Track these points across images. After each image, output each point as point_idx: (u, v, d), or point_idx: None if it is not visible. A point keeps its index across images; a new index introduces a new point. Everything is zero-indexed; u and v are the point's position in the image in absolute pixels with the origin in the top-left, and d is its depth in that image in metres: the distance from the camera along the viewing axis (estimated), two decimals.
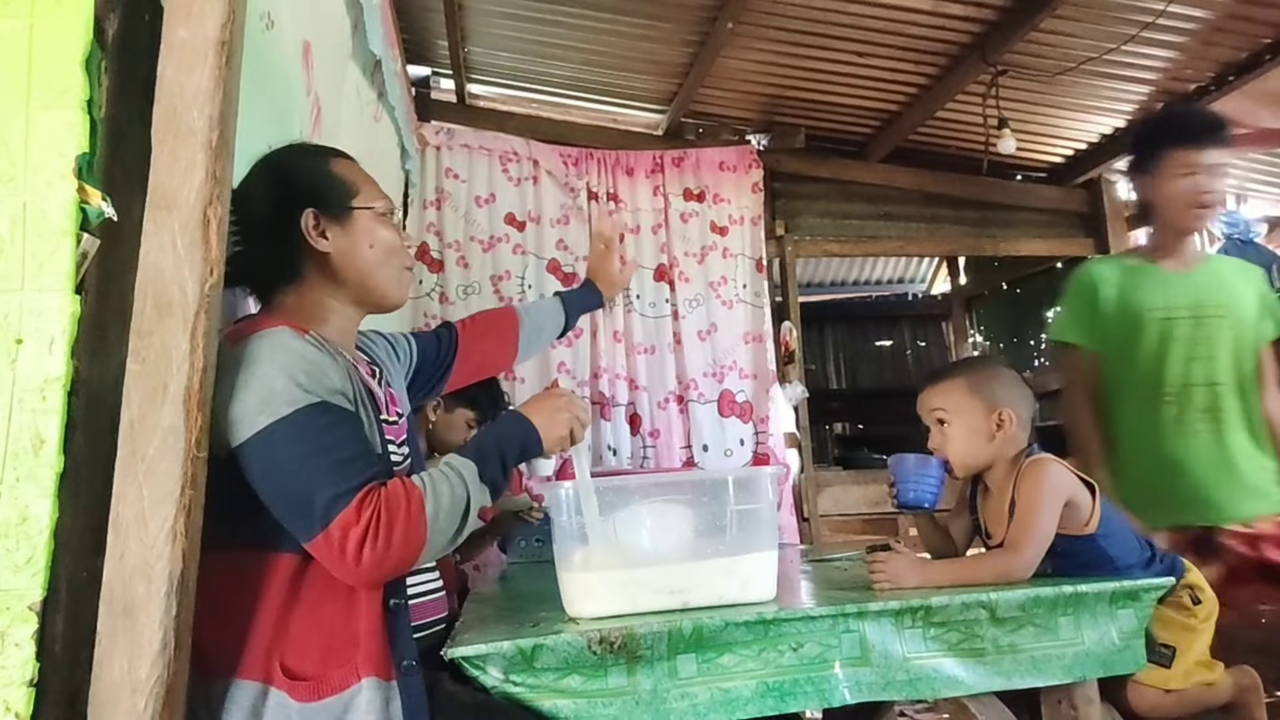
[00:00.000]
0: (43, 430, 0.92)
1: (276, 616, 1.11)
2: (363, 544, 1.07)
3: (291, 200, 1.29)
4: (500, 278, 3.82)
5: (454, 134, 3.91)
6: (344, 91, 2.42)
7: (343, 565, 1.08)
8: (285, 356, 1.16)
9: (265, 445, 1.10)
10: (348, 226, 1.31)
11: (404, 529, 1.09)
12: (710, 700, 1.21)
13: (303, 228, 1.28)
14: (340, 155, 1.41)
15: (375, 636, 1.13)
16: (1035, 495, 1.47)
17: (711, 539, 1.33)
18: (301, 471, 1.09)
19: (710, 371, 3.93)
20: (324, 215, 1.30)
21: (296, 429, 1.11)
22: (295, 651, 1.10)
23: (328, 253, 1.30)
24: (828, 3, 3.22)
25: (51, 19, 0.97)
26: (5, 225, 0.94)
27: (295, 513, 1.09)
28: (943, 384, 1.63)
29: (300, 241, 1.29)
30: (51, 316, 0.93)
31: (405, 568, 1.14)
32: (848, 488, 4.14)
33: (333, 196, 1.32)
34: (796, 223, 4.34)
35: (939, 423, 1.61)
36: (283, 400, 1.11)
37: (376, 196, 1.36)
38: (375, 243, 1.33)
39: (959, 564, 1.50)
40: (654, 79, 3.92)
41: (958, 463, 1.59)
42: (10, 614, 0.88)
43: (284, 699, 1.08)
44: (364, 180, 1.37)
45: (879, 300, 6.90)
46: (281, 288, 1.32)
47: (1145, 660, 1.39)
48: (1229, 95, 3.47)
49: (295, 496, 1.09)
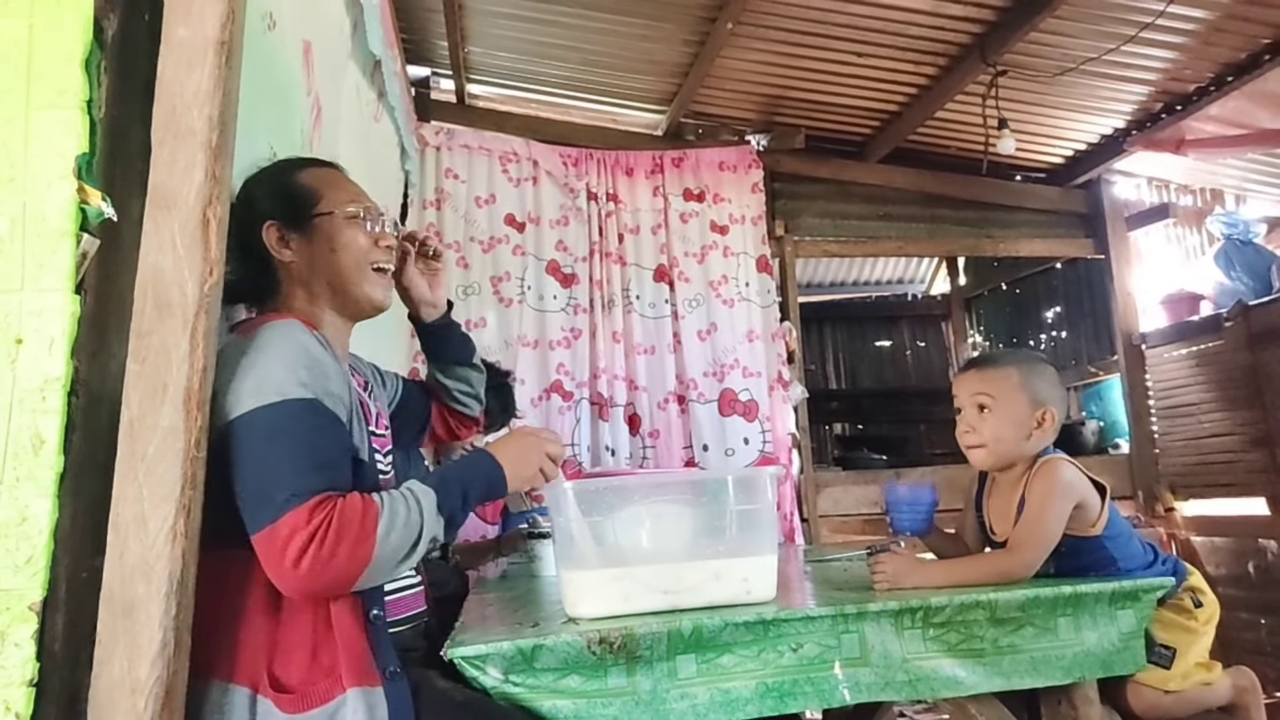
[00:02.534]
0: (42, 430, 0.92)
1: (266, 623, 1.11)
2: (305, 548, 1.05)
3: (255, 216, 1.31)
4: (500, 278, 3.82)
5: (454, 134, 3.91)
6: (344, 91, 2.42)
7: (280, 567, 1.05)
8: (291, 348, 1.17)
9: (246, 427, 1.10)
10: (310, 235, 1.33)
11: (351, 544, 1.07)
12: (710, 701, 1.21)
13: (265, 242, 1.30)
14: (314, 164, 1.41)
15: (357, 646, 1.12)
16: (1047, 496, 1.46)
17: (711, 539, 1.33)
18: (270, 460, 1.09)
19: (710, 371, 3.92)
20: (286, 227, 1.32)
21: (280, 418, 1.11)
22: (282, 660, 1.10)
23: (293, 262, 1.32)
24: (827, 3, 3.22)
25: (51, 19, 0.97)
26: (5, 225, 0.94)
27: (252, 500, 1.08)
28: (994, 370, 1.59)
29: (268, 256, 1.31)
30: (51, 316, 0.93)
31: (343, 585, 1.10)
32: (847, 488, 4.14)
33: (294, 208, 1.33)
34: (796, 223, 4.34)
35: (980, 408, 1.56)
36: (274, 389, 1.12)
37: (343, 201, 1.36)
38: (338, 247, 1.33)
39: (959, 564, 1.50)
40: (654, 79, 3.92)
41: (989, 451, 1.56)
42: (10, 614, 0.88)
43: (270, 708, 1.08)
44: (332, 186, 1.37)
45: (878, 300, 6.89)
46: (269, 303, 1.34)
47: (1145, 661, 1.39)
48: (1228, 95, 3.47)
49: (256, 484, 1.08)
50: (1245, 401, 3.81)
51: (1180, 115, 3.70)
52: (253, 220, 1.30)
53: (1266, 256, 4.08)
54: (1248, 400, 3.80)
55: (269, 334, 1.18)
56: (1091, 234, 4.57)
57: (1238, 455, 3.86)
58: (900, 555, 1.45)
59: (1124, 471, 4.32)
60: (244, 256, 1.29)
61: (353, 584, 1.10)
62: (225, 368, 1.12)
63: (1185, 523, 4.18)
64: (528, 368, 3.72)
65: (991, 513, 1.62)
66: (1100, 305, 4.83)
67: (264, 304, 1.36)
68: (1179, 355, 4.23)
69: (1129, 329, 4.46)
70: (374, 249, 1.37)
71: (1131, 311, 4.48)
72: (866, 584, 1.45)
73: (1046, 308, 5.65)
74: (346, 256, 1.33)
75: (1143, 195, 4.61)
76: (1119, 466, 4.34)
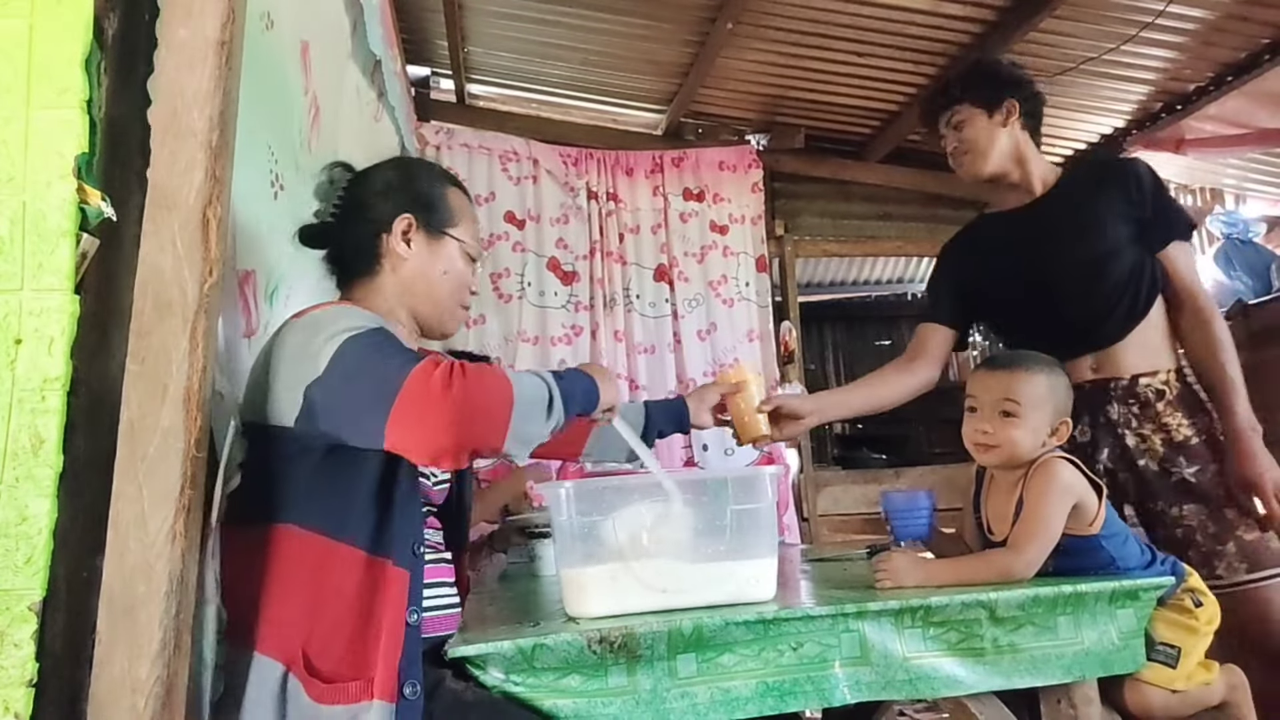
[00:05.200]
0: (42, 430, 0.92)
1: (311, 603, 1.12)
2: (450, 374, 1.07)
3: (400, 199, 1.38)
4: (500, 275, 3.82)
5: (454, 134, 3.91)
6: (344, 91, 2.42)
7: (427, 400, 1.05)
8: (357, 315, 1.21)
9: (337, 363, 1.12)
10: (434, 246, 1.39)
11: (488, 376, 1.10)
12: (710, 700, 1.21)
13: (394, 228, 1.36)
14: (461, 188, 1.49)
15: (392, 656, 1.13)
16: (1046, 495, 1.46)
17: (711, 539, 1.33)
18: (372, 360, 1.12)
19: (710, 370, 3.92)
20: (419, 226, 1.38)
21: (365, 339, 1.15)
22: (319, 645, 1.11)
23: (406, 259, 1.37)
24: (827, 3, 3.22)
25: (51, 19, 0.97)
26: (5, 225, 0.94)
27: (369, 401, 1.08)
28: (1024, 375, 1.54)
29: (387, 239, 1.36)
30: (51, 316, 0.93)
31: (499, 421, 1.09)
32: (847, 487, 4.14)
33: (435, 215, 1.40)
34: (796, 223, 4.34)
35: (1004, 414, 1.52)
36: (348, 329, 1.15)
37: (472, 236, 1.45)
38: (450, 270, 1.41)
39: (961, 563, 1.50)
40: (654, 79, 3.92)
41: (1001, 453, 1.52)
42: (10, 614, 0.88)
43: (299, 690, 1.08)
44: (467, 218, 1.45)
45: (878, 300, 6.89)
46: (355, 276, 1.39)
47: (1144, 660, 1.39)
48: (1228, 95, 3.47)
49: (368, 380, 1.10)
50: None
51: (1180, 115, 3.70)
52: (391, 202, 1.38)
53: (1266, 256, 4.08)
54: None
55: (328, 310, 1.22)
56: None
57: None
58: (902, 554, 1.45)
59: None
60: (368, 221, 1.37)
61: (506, 426, 1.10)
62: (282, 348, 1.16)
63: None
64: (528, 363, 3.72)
65: (989, 512, 1.61)
66: None
67: (348, 271, 1.41)
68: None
69: None
70: (469, 290, 1.47)
71: None
72: (866, 583, 1.45)
73: None
74: (453, 283, 1.42)
75: None
76: None
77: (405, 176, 1.43)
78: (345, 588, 1.13)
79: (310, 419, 1.13)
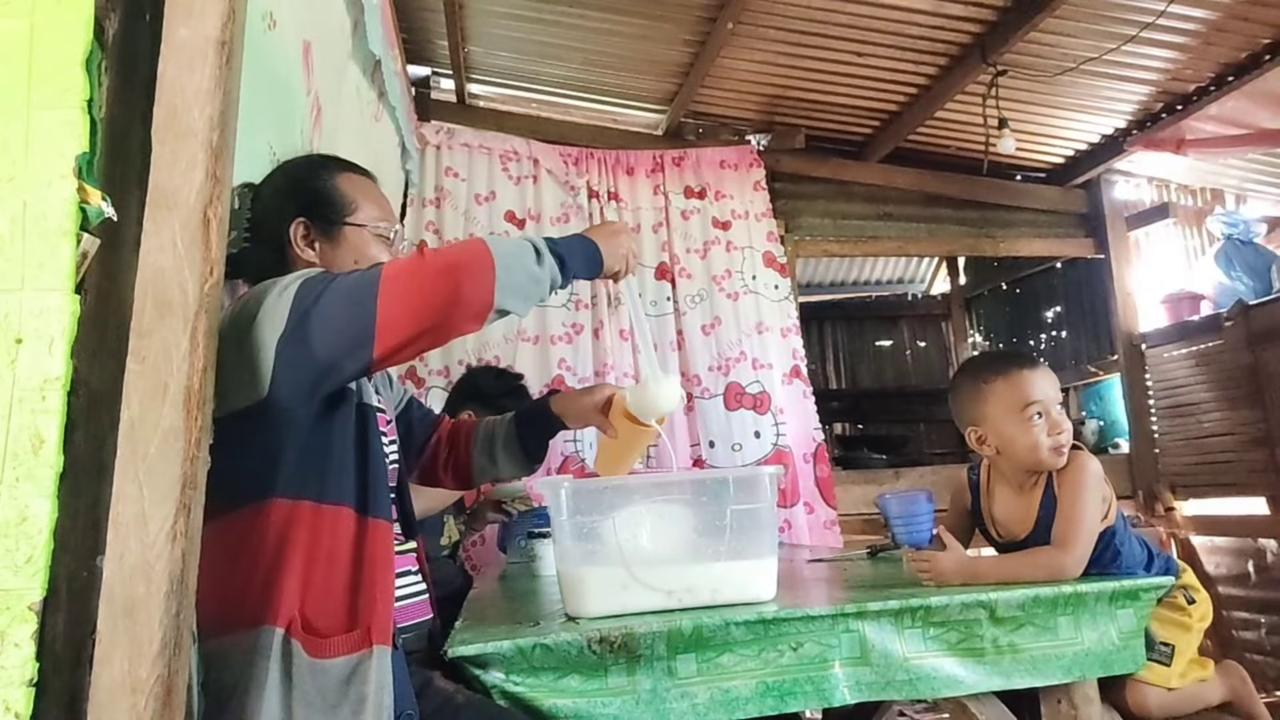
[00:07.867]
0: (42, 430, 0.92)
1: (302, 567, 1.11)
2: (419, 251, 1.11)
3: (288, 208, 1.33)
4: None
5: (454, 133, 3.91)
6: (344, 91, 2.42)
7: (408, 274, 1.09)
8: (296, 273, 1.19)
9: (300, 300, 1.11)
10: (336, 241, 1.34)
11: (459, 244, 1.14)
12: (710, 700, 1.21)
13: (293, 236, 1.32)
14: (354, 170, 1.42)
15: (386, 605, 1.13)
16: (1086, 490, 1.46)
17: (712, 539, 1.33)
18: (339, 280, 1.13)
19: (715, 365, 3.89)
20: (315, 227, 1.33)
21: (319, 275, 1.16)
22: (314, 605, 1.10)
23: (315, 263, 1.32)
24: (827, 3, 3.22)
25: (51, 19, 0.97)
26: (5, 225, 0.94)
27: (350, 302, 1.10)
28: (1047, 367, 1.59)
29: (291, 250, 1.32)
30: (51, 316, 0.93)
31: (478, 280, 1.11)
32: (847, 488, 4.14)
33: (328, 210, 1.35)
34: (796, 223, 4.34)
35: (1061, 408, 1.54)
36: (296, 277, 1.15)
37: (376, 217, 1.38)
38: (361, 258, 1.34)
39: (1008, 561, 1.48)
40: (654, 79, 3.92)
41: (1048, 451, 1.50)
42: (10, 614, 0.88)
43: (299, 649, 1.07)
44: (367, 199, 1.38)
45: (879, 300, 6.89)
46: None
47: (1145, 660, 1.39)
48: (1229, 95, 3.47)
49: (343, 292, 1.11)
50: (1245, 401, 3.81)
51: (1180, 115, 3.70)
52: (282, 209, 1.33)
53: (1266, 256, 4.08)
54: (1248, 400, 3.80)
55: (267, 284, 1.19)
56: (1091, 234, 4.57)
57: (1238, 455, 3.86)
58: (946, 553, 1.43)
59: (1124, 471, 4.32)
60: (261, 239, 1.33)
61: (491, 275, 1.11)
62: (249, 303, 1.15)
63: (1185, 522, 4.19)
64: (529, 364, 3.71)
65: (996, 515, 1.61)
66: (1100, 305, 4.83)
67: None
68: (1179, 355, 4.23)
69: (1129, 329, 4.46)
70: None
71: (1131, 311, 4.48)
72: (867, 583, 1.45)
73: (1046, 307, 5.65)
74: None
75: (1143, 195, 4.61)
76: (1119, 466, 4.34)
77: (289, 180, 1.38)
78: (338, 548, 1.13)
79: (291, 368, 1.10)
